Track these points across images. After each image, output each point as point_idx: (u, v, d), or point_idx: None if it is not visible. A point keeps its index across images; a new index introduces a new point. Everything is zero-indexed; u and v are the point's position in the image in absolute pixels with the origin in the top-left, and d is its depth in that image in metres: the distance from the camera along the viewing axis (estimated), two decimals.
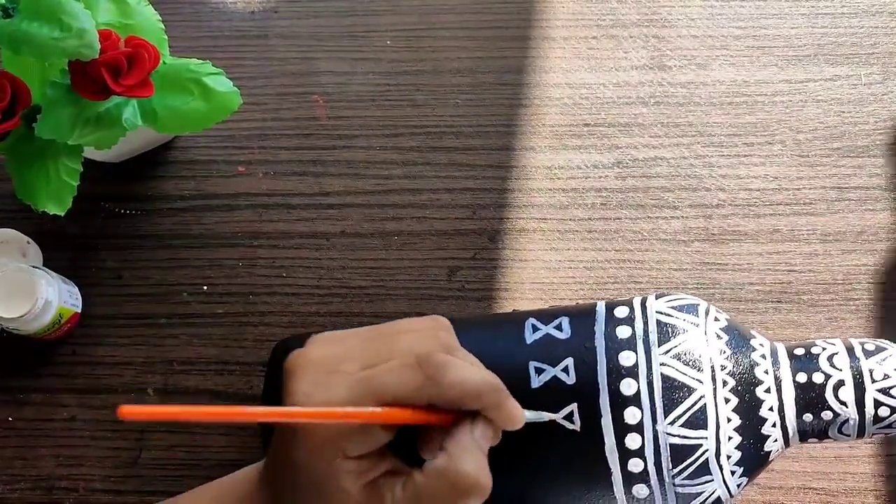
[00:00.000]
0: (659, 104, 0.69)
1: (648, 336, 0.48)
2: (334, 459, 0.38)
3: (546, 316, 0.51)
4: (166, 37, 0.60)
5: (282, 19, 0.73)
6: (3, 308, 0.60)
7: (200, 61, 0.60)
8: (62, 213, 0.58)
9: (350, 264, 0.67)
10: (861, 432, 0.48)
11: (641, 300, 0.51)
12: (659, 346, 0.48)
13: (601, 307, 0.51)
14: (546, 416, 0.46)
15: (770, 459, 0.49)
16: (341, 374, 0.39)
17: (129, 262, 0.67)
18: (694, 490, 0.47)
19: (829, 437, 0.49)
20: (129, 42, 0.56)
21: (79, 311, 0.65)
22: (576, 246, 0.66)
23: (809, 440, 0.49)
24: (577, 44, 0.71)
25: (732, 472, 0.47)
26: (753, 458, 0.48)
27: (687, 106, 0.69)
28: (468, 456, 0.38)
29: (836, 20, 0.71)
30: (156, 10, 0.60)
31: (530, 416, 0.44)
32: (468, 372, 0.39)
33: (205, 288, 0.66)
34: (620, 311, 0.50)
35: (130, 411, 0.31)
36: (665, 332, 0.48)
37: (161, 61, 0.57)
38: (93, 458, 0.63)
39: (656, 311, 0.49)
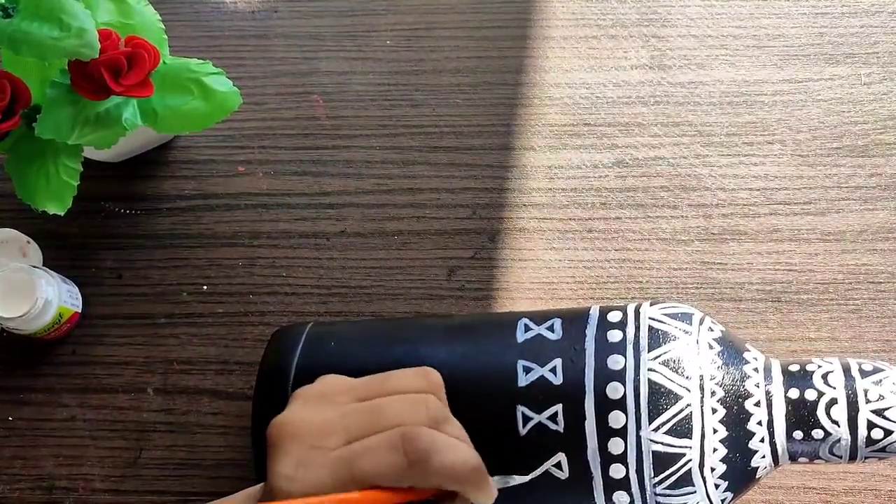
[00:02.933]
0: (659, 104, 0.69)
1: (639, 341, 0.48)
2: None
3: (540, 317, 0.51)
4: (166, 37, 0.60)
5: (282, 19, 0.73)
6: (3, 308, 0.60)
7: (200, 61, 0.60)
8: (62, 213, 0.58)
9: (350, 264, 0.67)
10: (853, 454, 0.47)
11: (636, 306, 0.50)
12: (649, 352, 0.47)
13: (595, 311, 0.51)
14: (515, 480, 0.45)
15: (758, 477, 0.48)
16: (323, 452, 0.38)
17: (129, 261, 0.67)
18: (675, 501, 0.46)
19: (820, 458, 0.48)
20: (128, 42, 0.56)
21: (79, 310, 0.65)
22: (576, 245, 0.66)
23: (800, 460, 0.48)
24: (577, 43, 0.71)
25: (716, 486, 0.46)
26: (739, 473, 0.47)
27: (687, 105, 0.69)
28: None
29: (836, 20, 0.71)
30: (156, 10, 0.60)
31: (499, 483, 0.43)
32: (452, 457, 0.38)
33: (205, 287, 0.66)
34: (613, 316, 0.50)
35: None
36: (656, 339, 0.48)
37: (161, 61, 0.57)
38: (93, 458, 0.63)
39: (649, 318, 0.49)
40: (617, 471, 0.46)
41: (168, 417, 0.64)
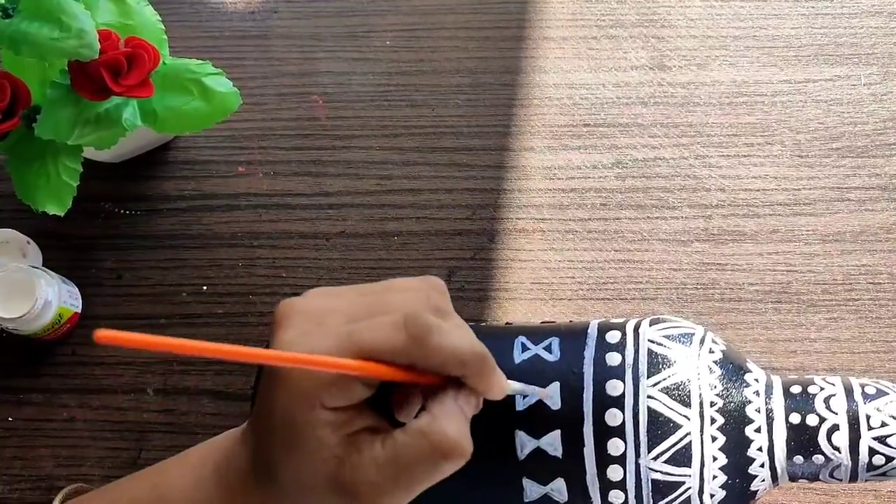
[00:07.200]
0: (658, 104, 0.69)
1: (638, 366, 0.47)
2: (312, 409, 0.38)
3: (537, 335, 0.50)
4: (166, 37, 0.60)
5: (282, 19, 0.73)
6: (3, 308, 0.60)
7: (200, 62, 0.60)
8: (62, 213, 0.58)
9: (350, 264, 0.67)
10: (853, 478, 0.47)
11: (635, 325, 0.49)
12: (648, 378, 0.46)
13: (593, 329, 0.50)
14: (532, 389, 0.45)
15: (757, 498, 0.48)
16: (328, 326, 0.39)
17: (129, 262, 0.67)
18: None
19: (819, 480, 0.47)
20: (128, 42, 0.56)
21: (78, 311, 0.65)
22: (575, 246, 0.66)
23: (800, 481, 0.48)
24: (577, 44, 0.71)
25: None
26: (739, 498, 0.47)
27: (687, 106, 0.69)
28: (451, 419, 0.38)
29: (835, 20, 0.71)
30: (156, 10, 0.60)
31: (516, 387, 0.43)
32: (454, 338, 0.38)
33: (204, 288, 0.66)
34: (612, 336, 0.49)
35: (107, 336, 0.30)
36: (655, 363, 0.47)
37: (161, 62, 0.57)
38: (92, 458, 0.63)
39: (648, 340, 0.48)
40: (616, 497, 0.46)
41: (168, 418, 0.64)
